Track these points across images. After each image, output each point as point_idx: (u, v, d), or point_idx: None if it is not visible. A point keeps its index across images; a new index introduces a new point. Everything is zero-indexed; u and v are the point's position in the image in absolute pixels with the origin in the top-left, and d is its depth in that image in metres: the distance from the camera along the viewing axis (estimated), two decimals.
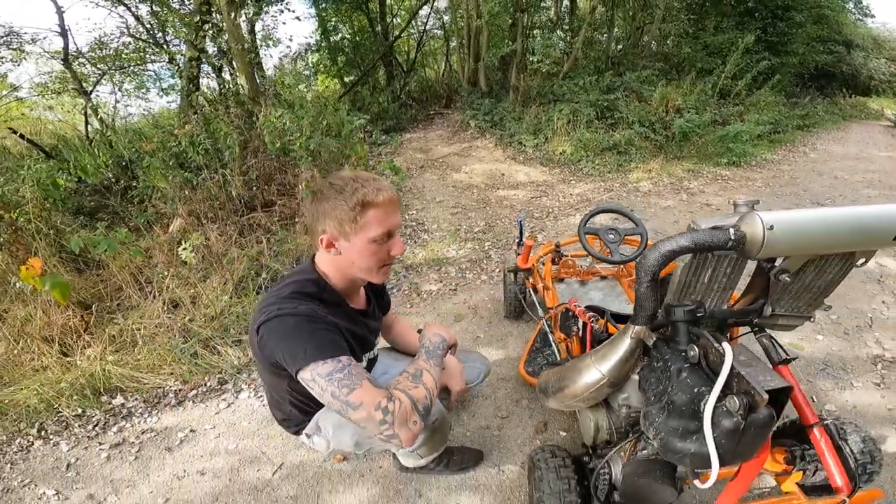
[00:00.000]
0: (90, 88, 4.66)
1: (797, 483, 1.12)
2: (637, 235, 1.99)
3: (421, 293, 3.02)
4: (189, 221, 3.24)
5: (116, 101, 5.20)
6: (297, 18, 7.64)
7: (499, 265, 3.33)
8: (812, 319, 0.99)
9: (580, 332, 1.50)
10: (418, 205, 4.72)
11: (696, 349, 0.79)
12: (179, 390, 2.20)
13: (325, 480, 1.66)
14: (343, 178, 1.08)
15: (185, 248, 2.56)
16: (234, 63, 4.40)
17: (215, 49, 4.73)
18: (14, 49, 4.48)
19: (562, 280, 2.28)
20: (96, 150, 3.79)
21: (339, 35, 9.08)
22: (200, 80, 4.71)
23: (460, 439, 1.78)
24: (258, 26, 5.12)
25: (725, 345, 0.73)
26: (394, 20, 9.99)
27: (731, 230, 0.73)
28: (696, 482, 0.81)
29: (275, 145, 3.60)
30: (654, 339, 0.86)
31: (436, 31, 10.79)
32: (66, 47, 4.30)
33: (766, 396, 0.66)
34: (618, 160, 5.89)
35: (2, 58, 4.59)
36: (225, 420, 2.00)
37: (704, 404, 0.71)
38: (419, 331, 1.43)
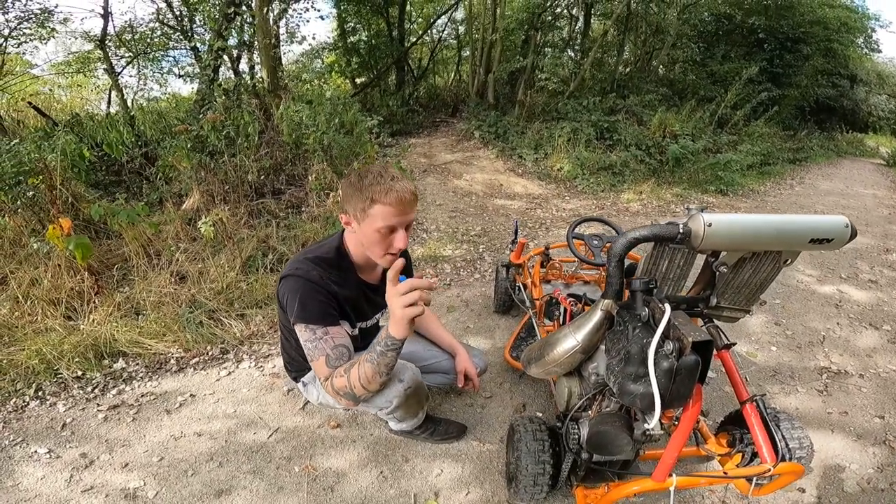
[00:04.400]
0: (119, 70, 4.83)
1: (737, 465, 1.31)
2: None
3: None
4: (204, 200, 3.40)
5: (145, 85, 5.40)
6: (321, 17, 7.87)
7: (491, 266, 3.50)
8: (751, 313, 1.19)
9: (561, 316, 1.70)
10: (419, 206, 4.85)
11: (647, 310, 0.99)
12: (181, 357, 2.25)
13: (319, 444, 1.74)
14: (369, 171, 1.25)
15: (204, 223, 2.70)
16: (259, 56, 4.58)
17: (236, 41, 4.91)
18: (46, 28, 4.64)
19: (548, 282, 2.45)
20: (121, 127, 3.95)
21: (357, 37, 9.26)
22: (220, 70, 4.90)
23: (447, 413, 1.92)
24: (282, 22, 5.33)
25: (666, 305, 0.92)
26: (411, 27, 10.18)
27: (681, 225, 0.93)
28: (646, 424, 1.00)
29: (291, 137, 3.77)
30: (618, 308, 1.06)
31: (450, 40, 10.98)
32: (104, 28, 4.48)
33: (690, 341, 0.86)
34: (612, 180, 6.07)
35: (31, 35, 4.73)
36: (225, 387, 2.07)
37: (649, 350, 0.90)
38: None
